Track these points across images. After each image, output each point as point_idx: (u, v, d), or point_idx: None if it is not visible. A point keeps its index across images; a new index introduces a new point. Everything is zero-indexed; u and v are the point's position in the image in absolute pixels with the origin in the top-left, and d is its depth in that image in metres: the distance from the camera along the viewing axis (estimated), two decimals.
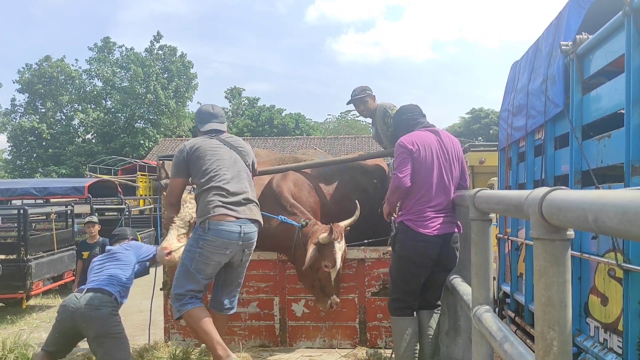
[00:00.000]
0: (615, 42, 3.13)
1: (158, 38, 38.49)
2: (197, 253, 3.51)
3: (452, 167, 3.50)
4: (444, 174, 3.45)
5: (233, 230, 3.50)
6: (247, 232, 3.57)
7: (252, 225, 3.64)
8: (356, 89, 5.07)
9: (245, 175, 3.76)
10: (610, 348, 3.07)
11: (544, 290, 1.54)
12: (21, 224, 8.18)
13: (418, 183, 3.41)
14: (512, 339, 1.98)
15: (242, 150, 3.84)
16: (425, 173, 3.41)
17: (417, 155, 3.41)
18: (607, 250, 3.13)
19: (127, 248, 4.25)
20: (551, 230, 1.49)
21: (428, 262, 3.45)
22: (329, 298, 4.03)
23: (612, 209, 1.08)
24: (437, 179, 3.43)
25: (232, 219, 3.51)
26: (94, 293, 3.73)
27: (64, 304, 3.74)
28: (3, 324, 7.39)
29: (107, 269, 3.99)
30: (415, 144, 3.44)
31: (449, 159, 3.49)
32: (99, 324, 3.62)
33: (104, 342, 3.64)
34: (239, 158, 3.78)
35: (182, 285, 3.55)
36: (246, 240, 3.61)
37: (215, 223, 3.47)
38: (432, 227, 3.38)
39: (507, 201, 1.98)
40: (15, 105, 38.50)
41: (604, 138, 3.22)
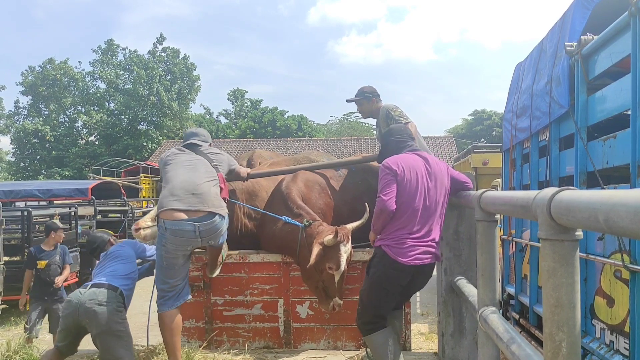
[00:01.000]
0: (621, 42, 3.11)
1: (161, 40, 38.62)
2: (163, 250, 3.66)
3: (437, 194, 3.34)
4: (428, 201, 3.30)
5: (187, 229, 3.60)
6: (203, 229, 3.63)
7: (208, 220, 3.65)
8: (359, 89, 5.06)
9: (204, 175, 3.82)
10: (617, 350, 3.05)
11: (552, 291, 1.53)
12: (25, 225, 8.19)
13: (400, 208, 3.27)
14: (519, 341, 1.97)
15: (213, 157, 4.02)
16: (408, 198, 3.26)
17: (401, 178, 3.28)
18: (613, 252, 3.11)
19: (123, 245, 4.27)
20: (560, 230, 1.49)
21: (398, 289, 3.36)
22: (332, 300, 4.01)
23: (623, 209, 1.07)
24: (421, 205, 3.28)
25: (183, 216, 3.59)
26: (98, 288, 3.71)
27: (68, 299, 3.74)
28: (7, 325, 7.40)
29: (109, 266, 3.98)
30: (400, 166, 3.31)
31: (435, 186, 3.34)
32: (102, 320, 3.58)
33: (106, 339, 3.61)
34: (203, 161, 3.94)
35: (163, 281, 3.71)
36: (206, 235, 3.68)
37: (170, 223, 3.59)
38: (410, 257, 3.23)
39: (514, 202, 1.97)
40: (18, 108, 38.67)
41: (610, 139, 3.21)
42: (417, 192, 3.27)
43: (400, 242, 3.24)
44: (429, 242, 3.28)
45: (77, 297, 3.66)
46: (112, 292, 3.73)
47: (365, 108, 5.01)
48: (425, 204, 3.28)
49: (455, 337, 3.74)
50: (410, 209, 3.25)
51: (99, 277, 3.86)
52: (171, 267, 3.67)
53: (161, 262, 3.69)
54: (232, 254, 4.39)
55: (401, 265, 3.22)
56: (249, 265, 4.42)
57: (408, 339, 4.37)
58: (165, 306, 3.68)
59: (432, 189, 3.32)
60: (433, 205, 3.31)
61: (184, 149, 4.07)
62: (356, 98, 5.00)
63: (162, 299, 3.70)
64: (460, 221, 3.77)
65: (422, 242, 3.26)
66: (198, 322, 4.45)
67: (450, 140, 33.13)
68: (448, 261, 3.76)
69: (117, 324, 3.65)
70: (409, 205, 3.26)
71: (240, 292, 4.43)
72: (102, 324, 3.58)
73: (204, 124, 44.29)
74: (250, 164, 5.44)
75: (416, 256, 3.23)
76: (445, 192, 3.40)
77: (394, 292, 3.36)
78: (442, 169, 3.44)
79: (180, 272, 3.74)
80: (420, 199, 3.27)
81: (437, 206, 3.33)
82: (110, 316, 3.61)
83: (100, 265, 4.07)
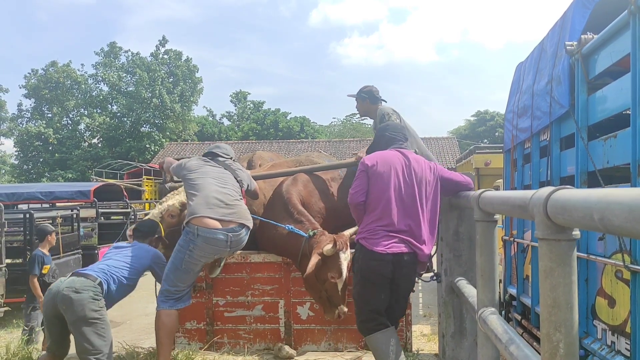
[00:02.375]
0: (621, 41, 3.10)
1: (163, 43, 38.72)
2: (187, 254, 3.68)
3: (416, 190, 3.37)
4: (404, 196, 3.34)
5: (220, 239, 3.67)
6: (234, 239, 3.75)
7: (239, 231, 3.79)
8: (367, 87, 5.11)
9: (233, 189, 3.93)
10: (618, 350, 3.03)
11: (549, 291, 1.52)
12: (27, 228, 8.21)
13: (373, 201, 3.36)
14: (517, 341, 1.96)
15: (237, 171, 4.12)
16: (379, 191, 3.34)
17: (373, 172, 3.37)
18: (614, 252, 3.09)
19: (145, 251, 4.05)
20: (556, 230, 1.48)
21: (384, 281, 3.33)
22: (337, 308, 3.97)
23: (618, 207, 1.06)
24: (394, 198, 3.32)
25: (217, 225, 3.67)
26: (77, 277, 3.66)
27: (49, 288, 3.74)
28: (9, 327, 7.40)
29: (106, 260, 3.93)
30: (375, 161, 3.40)
31: (413, 182, 3.37)
32: (77, 307, 3.50)
33: (80, 326, 3.52)
34: (230, 175, 4.04)
35: (174, 282, 3.74)
36: (234, 246, 3.82)
37: (204, 230, 3.64)
38: (385, 246, 3.27)
39: (512, 202, 1.96)
40: (21, 111, 38.87)
41: (610, 138, 3.19)
42: (390, 186, 3.33)
43: (374, 234, 3.32)
44: (407, 235, 3.32)
45: (56, 285, 3.64)
46: (91, 281, 3.63)
47: (360, 107, 5.10)
48: (401, 198, 3.33)
49: (455, 338, 3.73)
50: (382, 201, 3.32)
51: (86, 269, 3.84)
52: (188, 271, 3.73)
53: (179, 265, 3.70)
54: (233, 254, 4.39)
55: (378, 254, 3.27)
56: (250, 266, 4.42)
57: (409, 340, 4.36)
58: (167, 304, 3.72)
59: (409, 185, 3.36)
60: (410, 201, 3.34)
61: (207, 159, 4.15)
62: (353, 95, 5.08)
63: (165, 297, 3.74)
64: (460, 222, 3.76)
65: (397, 234, 3.30)
66: (199, 323, 4.45)
67: (452, 141, 33.11)
68: (448, 262, 3.75)
69: (93, 311, 3.53)
70: (380, 198, 3.33)
71: (241, 293, 4.43)
72: (77, 311, 3.49)
73: (206, 126, 44.36)
74: (251, 166, 5.44)
75: (391, 245, 3.27)
76: (428, 190, 3.42)
77: (381, 284, 3.34)
78: (425, 167, 3.46)
79: (193, 278, 3.84)
80: (394, 192, 3.33)
81: (416, 202, 3.34)
82: (85, 303, 3.51)
83: (106, 256, 4.04)
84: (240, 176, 4.11)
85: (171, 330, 3.74)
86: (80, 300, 3.52)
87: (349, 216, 4.49)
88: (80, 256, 9.16)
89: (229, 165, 4.12)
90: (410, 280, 3.47)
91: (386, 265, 3.28)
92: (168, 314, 3.70)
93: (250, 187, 4.26)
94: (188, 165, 4.05)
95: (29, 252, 7.93)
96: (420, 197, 3.37)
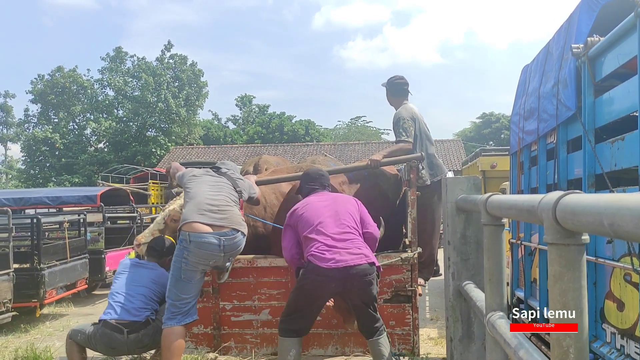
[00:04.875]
0: (628, 44, 3.09)
1: (169, 47, 38.78)
2: (183, 262, 3.68)
3: (342, 210, 3.70)
4: (334, 216, 3.65)
5: (212, 242, 3.67)
6: (227, 243, 3.74)
7: (232, 235, 3.78)
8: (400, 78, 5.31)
9: (228, 197, 3.95)
10: (628, 354, 3.02)
11: (559, 296, 1.51)
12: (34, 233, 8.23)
13: (308, 230, 3.61)
14: (527, 346, 1.95)
15: (237, 181, 4.14)
16: (311, 223, 3.62)
17: (297, 217, 3.71)
18: (622, 255, 3.08)
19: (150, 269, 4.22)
20: (566, 235, 1.47)
21: (325, 295, 3.60)
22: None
23: (628, 213, 1.06)
24: (326, 221, 3.61)
25: (208, 230, 3.67)
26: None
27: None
28: (17, 332, 7.42)
29: (138, 285, 4.08)
30: (300, 206, 3.78)
31: (338, 206, 3.74)
32: None
33: None
34: (229, 184, 4.06)
35: (177, 296, 3.71)
36: (229, 250, 3.79)
37: (195, 235, 3.65)
38: (330, 260, 3.44)
39: (520, 206, 1.95)
40: (28, 116, 38.98)
41: (618, 141, 3.18)
42: (320, 213, 3.65)
43: (320, 251, 3.50)
44: (350, 247, 3.52)
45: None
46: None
47: (387, 96, 5.27)
48: (332, 215, 3.64)
49: (463, 342, 3.71)
50: (319, 225, 3.59)
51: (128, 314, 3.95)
52: (188, 280, 3.70)
53: (179, 275, 3.69)
54: (239, 258, 4.39)
55: (324, 270, 3.43)
56: (257, 270, 4.42)
57: (416, 344, 4.34)
58: (174, 321, 3.67)
59: (336, 208, 3.72)
60: (341, 216, 3.66)
61: (210, 170, 4.20)
62: (386, 85, 5.28)
63: (172, 314, 3.69)
64: (467, 225, 3.74)
65: (340, 248, 3.50)
66: (206, 328, 4.45)
67: (458, 144, 33.02)
68: (455, 265, 3.74)
69: None
70: (317, 223, 3.60)
71: (248, 297, 4.43)
72: None
73: (212, 129, 44.43)
74: (257, 170, 5.45)
75: (336, 259, 3.44)
76: (353, 210, 3.77)
77: (319, 297, 3.59)
78: (346, 198, 4.01)
79: (195, 288, 3.79)
80: (324, 214, 3.64)
81: (347, 218, 3.66)
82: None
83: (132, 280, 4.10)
84: (240, 186, 4.13)
85: (180, 348, 3.67)
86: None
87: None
88: (87, 260, 9.18)
89: (229, 176, 4.16)
90: (366, 291, 3.56)
91: (331, 280, 3.47)
92: (175, 332, 3.64)
93: (252, 195, 4.27)
94: (189, 174, 4.10)
95: (36, 257, 7.96)
96: (345, 215, 3.68)
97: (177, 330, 3.65)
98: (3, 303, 7.30)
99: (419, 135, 4.94)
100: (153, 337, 3.84)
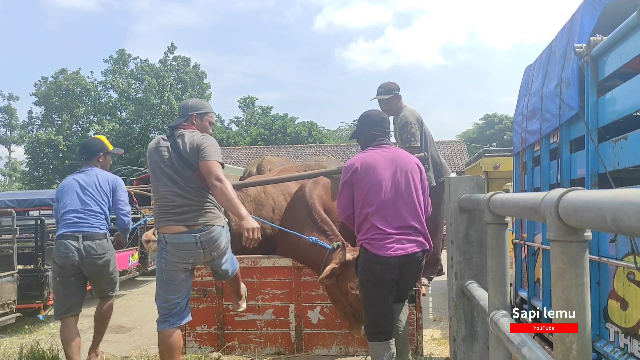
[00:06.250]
0: (630, 43, 3.09)
1: (172, 49, 38.84)
2: (163, 262, 3.53)
3: (407, 184, 3.42)
4: (397, 192, 3.37)
5: (188, 242, 3.47)
6: (204, 239, 3.48)
7: (206, 230, 3.49)
8: (383, 85, 4.98)
9: (181, 184, 3.51)
10: (631, 353, 3.01)
11: (562, 293, 1.52)
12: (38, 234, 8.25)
13: (367, 203, 3.37)
14: (530, 344, 1.95)
15: (182, 149, 3.53)
16: (371, 196, 3.36)
17: (356, 179, 3.41)
18: (626, 254, 3.08)
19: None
20: (568, 231, 1.47)
21: (390, 284, 3.39)
22: (362, 324, 3.87)
23: (630, 207, 1.06)
24: (389, 197, 3.35)
25: (182, 229, 3.46)
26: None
27: None
28: (21, 333, 7.44)
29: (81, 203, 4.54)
30: (362, 165, 3.43)
31: (402, 177, 3.42)
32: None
33: None
34: (175, 163, 3.54)
35: (164, 297, 3.54)
36: (207, 246, 3.51)
37: (170, 237, 3.47)
38: (389, 249, 3.30)
39: (523, 204, 1.96)
40: (32, 118, 39.11)
41: (621, 140, 3.18)
42: (381, 188, 3.36)
43: (378, 236, 3.31)
44: (408, 231, 3.33)
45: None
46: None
47: (390, 106, 4.98)
48: (394, 195, 3.35)
49: (467, 342, 3.71)
50: (378, 201, 3.34)
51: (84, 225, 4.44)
52: (171, 280, 3.53)
53: (161, 276, 3.55)
54: (243, 258, 4.40)
55: (383, 258, 3.28)
56: (260, 270, 4.43)
57: (420, 344, 4.35)
58: (166, 323, 3.52)
59: (399, 182, 3.39)
60: (404, 195, 3.37)
61: (162, 138, 3.74)
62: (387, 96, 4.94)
63: (163, 316, 3.56)
64: (470, 224, 3.74)
65: (399, 233, 3.31)
66: (210, 327, 4.46)
67: (461, 145, 32.99)
68: (458, 265, 3.74)
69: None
70: (376, 198, 3.35)
71: (251, 297, 4.44)
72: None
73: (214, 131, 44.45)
74: (260, 170, 5.46)
75: (395, 247, 3.27)
76: (417, 182, 3.46)
77: (385, 288, 3.37)
78: (410, 160, 3.52)
79: (181, 289, 3.58)
80: (387, 191, 3.35)
81: (410, 195, 3.38)
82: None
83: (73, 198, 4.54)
84: (187, 157, 3.51)
85: (175, 349, 3.53)
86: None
87: None
88: None
89: (175, 146, 3.55)
90: (416, 277, 3.52)
91: (391, 269, 3.31)
92: (169, 334, 3.52)
93: (205, 156, 3.49)
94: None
95: (40, 259, 7.98)
96: (415, 191, 3.41)
97: (170, 333, 3.51)
98: (7, 304, 7.33)
99: (424, 138, 4.93)
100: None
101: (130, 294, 10.42)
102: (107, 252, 4.42)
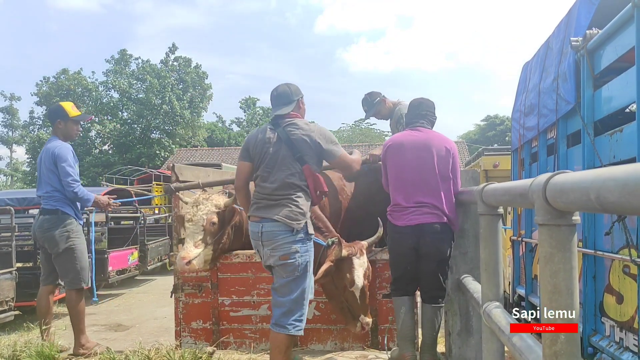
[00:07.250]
0: (626, 35, 3.08)
1: (173, 50, 38.91)
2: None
3: (431, 165, 3.58)
4: (420, 171, 3.59)
5: (254, 230, 3.40)
6: (265, 230, 3.30)
7: (271, 224, 3.29)
8: (365, 98, 5.13)
9: (282, 174, 3.33)
10: (627, 347, 3.00)
11: (549, 277, 1.50)
12: None
13: (392, 181, 3.73)
14: (520, 333, 1.94)
15: (294, 138, 3.38)
16: (396, 172, 3.69)
17: (388, 156, 3.75)
18: (621, 247, 3.06)
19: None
20: (556, 215, 1.46)
21: (408, 251, 3.63)
22: (358, 320, 3.87)
23: (612, 183, 1.05)
24: (411, 175, 3.61)
25: (255, 219, 3.38)
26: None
27: None
28: (20, 331, 7.43)
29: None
30: (392, 145, 3.76)
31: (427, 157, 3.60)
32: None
33: None
34: (284, 154, 3.37)
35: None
36: (265, 239, 3.30)
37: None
38: (405, 219, 3.59)
39: (513, 191, 1.95)
40: (33, 118, 39.24)
41: (616, 133, 3.17)
42: (405, 165, 3.64)
43: (396, 208, 3.67)
44: (426, 206, 3.56)
45: None
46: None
47: (382, 112, 5.17)
48: (417, 173, 3.60)
49: (462, 336, 3.70)
50: (400, 179, 3.67)
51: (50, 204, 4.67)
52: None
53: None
54: (238, 253, 4.39)
55: (399, 227, 3.62)
56: (255, 265, 4.41)
57: (416, 339, 4.32)
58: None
59: (424, 161, 3.60)
60: (426, 175, 3.59)
61: (268, 127, 3.58)
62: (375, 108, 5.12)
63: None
64: (465, 218, 3.74)
65: (416, 206, 3.58)
66: (205, 323, 4.45)
67: (462, 146, 33.01)
68: (454, 259, 3.73)
69: None
70: (398, 177, 3.68)
71: (247, 293, 4.42)
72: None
73: (216, 132, 44.54)
74: None
75: (410, 218, 3.57)
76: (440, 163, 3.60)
77: (404, 254, 3.66)
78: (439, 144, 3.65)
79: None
80: (410, 170, 3.62)
81: (433, 175, 3.58)
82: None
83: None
84: (299, 149, 3.43)
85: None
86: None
87: (362, 217, 4.47)
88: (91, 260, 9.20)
89: (286, 136, 3.45)
90: (437, 249, 3.57)
91: (408, 237, 3.58)
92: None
93: (330, 153, 3.60)
94: (248, 144, 3.57)
95: (38, 257, 7.99)
96: (439, 171, 3.59)
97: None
98: (5, 302, 7.33)
99: None
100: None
101: (129, 293, 10.43)
102: (53, 227, 4.52)
